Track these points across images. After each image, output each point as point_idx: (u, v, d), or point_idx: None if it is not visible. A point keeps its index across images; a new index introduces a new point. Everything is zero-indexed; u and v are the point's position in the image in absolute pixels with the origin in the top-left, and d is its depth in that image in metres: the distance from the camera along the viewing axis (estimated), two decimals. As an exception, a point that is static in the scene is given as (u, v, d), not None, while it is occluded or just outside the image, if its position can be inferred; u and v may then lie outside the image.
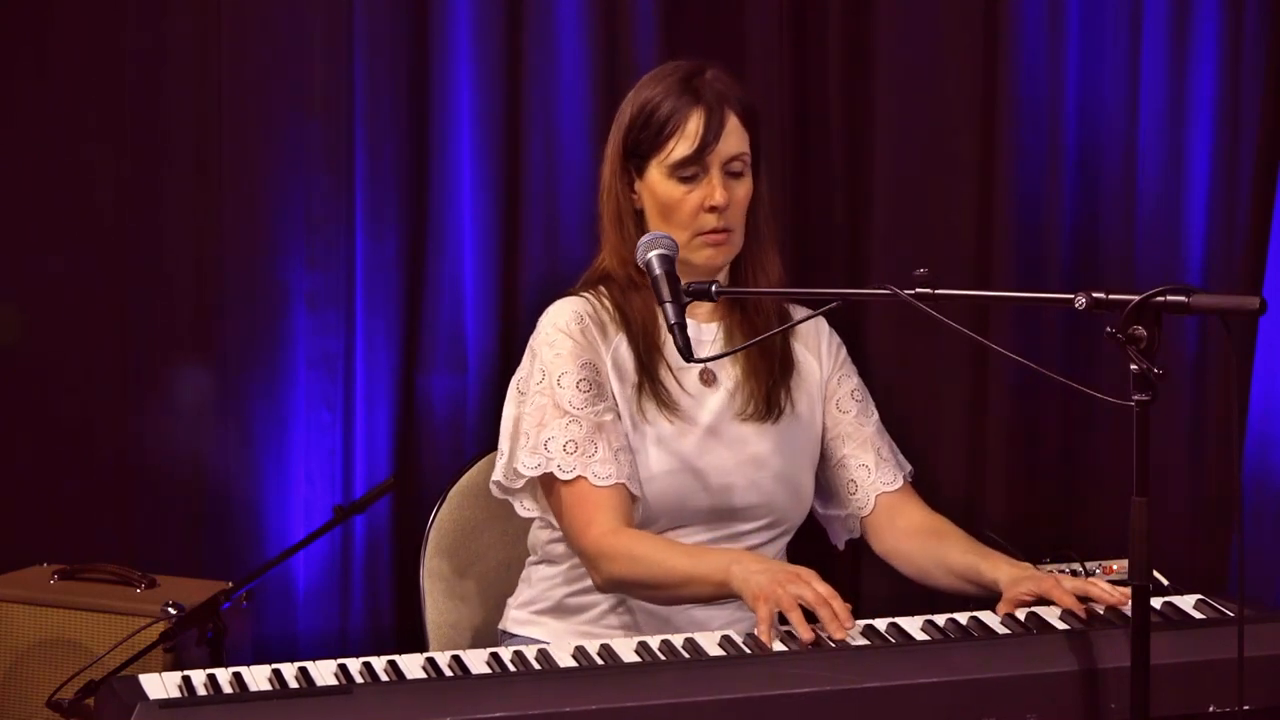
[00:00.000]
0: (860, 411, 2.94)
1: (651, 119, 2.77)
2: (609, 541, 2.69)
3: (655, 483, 2.77)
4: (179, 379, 3.82)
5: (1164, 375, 2.18)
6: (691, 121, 2.75)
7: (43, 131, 3.82)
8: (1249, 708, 2.33)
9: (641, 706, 2.24)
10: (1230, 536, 3.69)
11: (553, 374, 2.77)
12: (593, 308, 2.83)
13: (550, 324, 2.82)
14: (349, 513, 3.17)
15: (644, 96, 2.80)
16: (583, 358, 2.78)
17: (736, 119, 2.78)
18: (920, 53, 3.73)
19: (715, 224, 2.75)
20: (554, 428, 2.74)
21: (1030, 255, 3.73)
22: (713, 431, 2.81)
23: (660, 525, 2.79)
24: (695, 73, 2.80)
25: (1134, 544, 2.20)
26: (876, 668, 2.34)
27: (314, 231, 3.78)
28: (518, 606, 2.90)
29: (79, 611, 3.43)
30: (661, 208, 2.77)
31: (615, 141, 2.83)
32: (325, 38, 3.75)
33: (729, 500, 2.81)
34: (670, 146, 2.76)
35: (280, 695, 2.26)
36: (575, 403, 2.74)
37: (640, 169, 2.80)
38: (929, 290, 2.40)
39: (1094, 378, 3.55)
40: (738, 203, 2.78)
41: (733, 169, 2.78)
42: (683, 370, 2.83)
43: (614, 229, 2.84)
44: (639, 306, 2.82)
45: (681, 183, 2.76)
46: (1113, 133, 3.73)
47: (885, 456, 2.93)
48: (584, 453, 2.72)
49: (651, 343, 2.81)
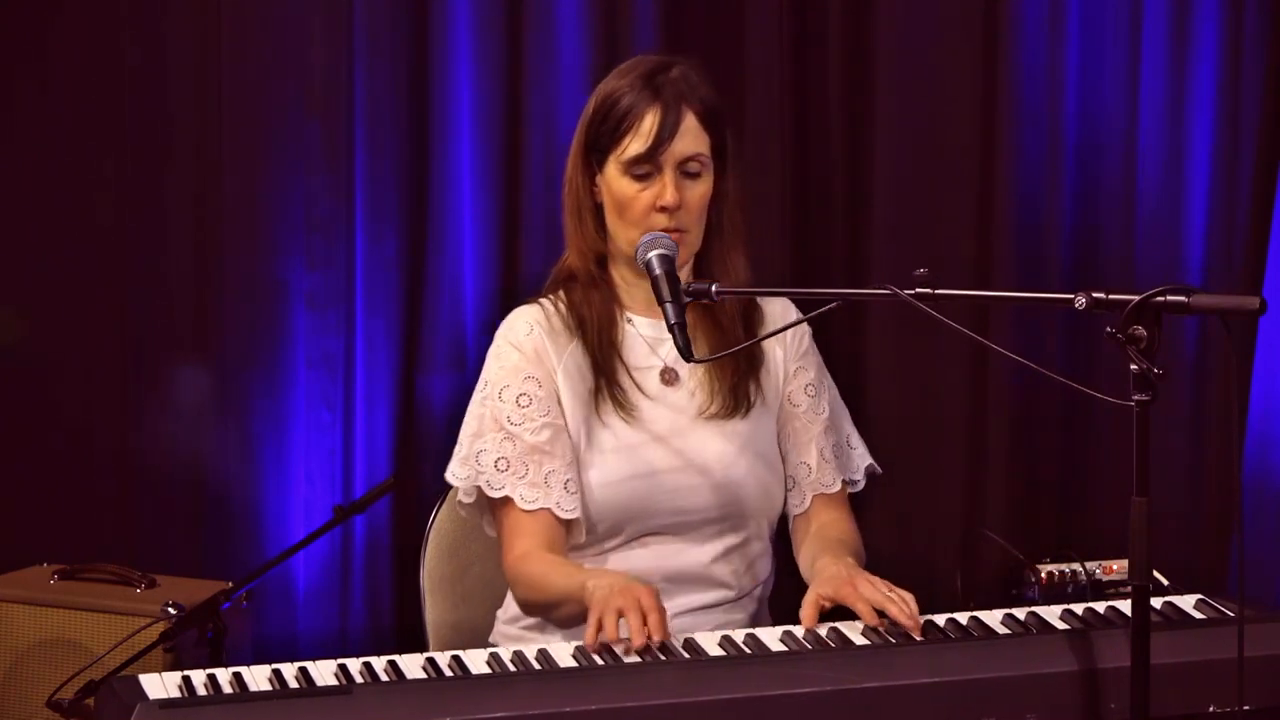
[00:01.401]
0: (810, 408, 2.87)
1: (610, 113, 2.74)
2: (518, 567, 2.73)
3: (616, 489, 2.75)
4: (179, 379, 3.82)
5: (1164, 375, 2.18)
6: (647, 119, 2.71)
7: (43, 131, 3.82)
8: (1249, 708, 2.33)
9: (641, 706, 2.24)
10: (1230, 536, 3.69)
11: (495, 386, 2.77)
12: (546, 315, 2.81)
13: (501, 335, 2.82)
14: (349, 513, 3.17)
15: (607, 89, 2.77)
16: (526, 372, 2.76)
17: (695, 118, 2.73)
18: (920, 53, 3.74)
19: (666, 224, 2.71)
20: (488, 440, 2.75)
21: (1030, 255, 3.74)
22: (675, 433, 2.78)
23: (628, 533, 2.77)
24: (660, 69, 2.76)
25: (1134, 544, 2.20)
26: (876, 668, 2.34)
27: (314, 231, 3.78)
28: (506, 621, 2.88)
29: (79, 611, 3.43)
30: (616, 204, 2.74)
31: (579, 135, 2.80)
32: (325, 38, 3.75)
33: (693, 503, 2.77)
34: (625, 143, 2.73)
35: (280, 695, 2.26)
36: (513, 419, 2.74)
37: (600, 163, 2.77)
38: (929, 290, 2.39)
39: (1094, 378, 3.55)
40: (691, 203, 2.74)
41: (689, 169, 2.73)
42: (641, 371, 2.80)
43: (574, 223, 2.82)
44: (598, 306, 2.80)
45: (635, 180, 2.73)
46: (1113, 133, 3.73)
47: (828, 458, 2.87)
48: (514, 472, 2.73)
49: (608, 344, 2.79)
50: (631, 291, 2.82)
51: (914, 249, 3.71)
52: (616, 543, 2.79)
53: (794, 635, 2.47)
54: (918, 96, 3.74)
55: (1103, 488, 3.76)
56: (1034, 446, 3.79)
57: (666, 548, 2.78)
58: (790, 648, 2.43)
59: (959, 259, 3.73)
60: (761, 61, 3.74)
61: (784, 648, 2.43)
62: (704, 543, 2.80)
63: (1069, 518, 3.79)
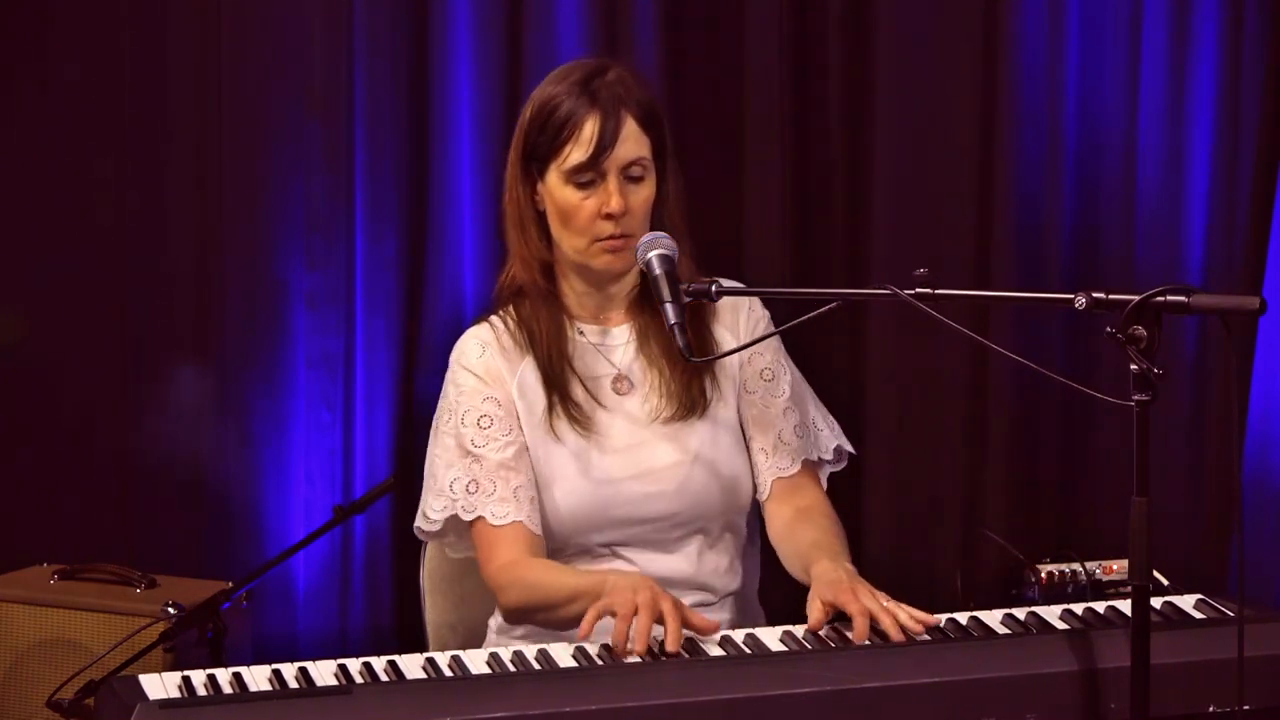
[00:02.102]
0: (766, 393, 2.83)
1: (549, 122, 2.70)
2: (505, 574, 2.70)
3: (577, 503, 2.74)
4: (179, 379, 3.82)
5: (1164, 375, 2.18)
6: (587, 126, 2.68)
7: (43, 132, 3.82)
8: (1249, 708, 2.33)
9: (641, 706, 2.24)
10: (1230, 536, 3.69)
11: (457, 412, 2.76)
12: (496, 334, 2.80)
13: (455, 360, 2.81)
14: (349, 513, 3.17)
15: (544, 96, 2.73)
16: (483, 393, 2.76)
17: (635, 122, 2.70)
18: (920, 53, 3.74)
19: (612, 230, 2.69)
20: (457, 469, 2.74)
21: (1030, 255, 3.74)
22: (632, 441, 2.77)
23: (596, 547, 2.76)
24: (596, 73, 2.72)
25: (1134, 544, 2.20)
26: (876, 668, 2.34)
27: (314, 231, 3.78)
28: (498, 631, 2.87)
29: (79, 611, 3.43)
30: (560, 214, 2.71)
31: (516, 145, 2.77)
32: (325, 38, 3.75)
33: (655, 510, 2.76)
34: (566, 152, 2.69)
35: (280, 695, 2.26)
36: (476, 441, 2.73)
37: (541, 172, 2.73)
38: (929, 290, 2.39)
39: (1094, 378, 3.55)
40: (635, 208, 2.71)
41: (632, 174, 2.70)
42: (595, 380, 2.78)
43: (517, 234, 2.78)
44: (546, 320, 2.77)
45: (578, 189, 2.69)
46: (1113, 133, 3.73)
47: (785, 440, 2.82)
48: (484, 491, 2.72)
49: (560, 356, 2.77)
50: (580, 300, 2.80)
51: (914, 249, 3.71)
52: (585, 559, 2.78)
53: (794, 635, 2.47)
54: (918, 96, 3.74)
55: (1103, 488, 3.76)
56: (1034, 446, 3.79)
57: (640, 556, 2.77)
58: (790, 648, 2.43)
59: (959, 259, 3.73)
60: (761, 61, 3.74)
61: (784, 648, 2.43)
62: (675, 548, 2.79)
63: (1069, 518, 3.79)
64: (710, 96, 3.77)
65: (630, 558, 2.77)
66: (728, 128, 3.75)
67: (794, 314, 2.57)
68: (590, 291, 2.78)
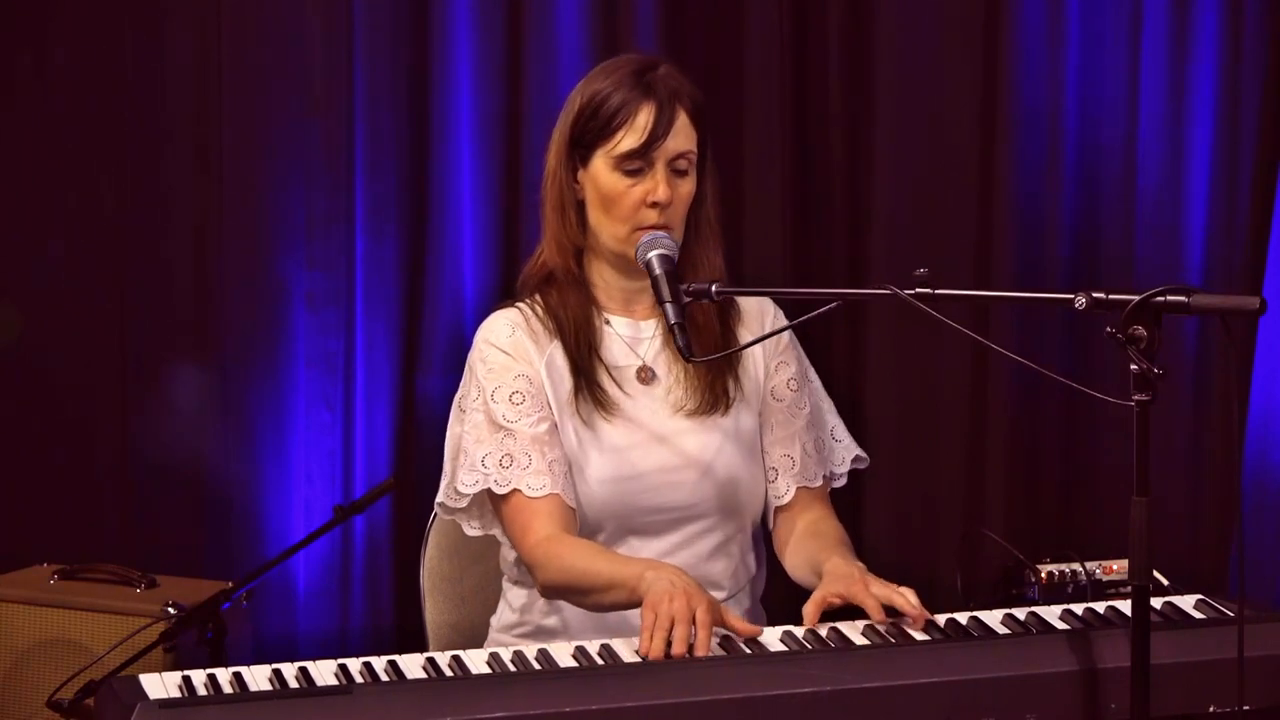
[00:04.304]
0: (793, 402, 2.85)
1: (601, 109, 2.73)
2: (543, 549, 2.68)
3: (600, 488, 2.74)
4: (179, 378, 3.82)
5: (1164, 375, 2.18)
6: (642, 115, 2.71)
7: (43, 132, 3.83)
8: (1249, 708, 2.33)
9: (641, 706, 2.24)
10: (1230, 536, 3.69)
11: (487, 389, 2.75)
12: (525, 318, 2.80)
13: (482, 339, 2.81)
14: (349, 513, 3.17)
15: (595, 87, 2.75)
16: (515, 370, 2.75)
17: (686, 116, 2.74)
18: (920, 53, 3.74)
19: (655, 220, 2.70)
20: (489, 443, 2.73)
21: (1030, 255, 3.74)
22: (654, 431, 2.77)
23: (610, 530, 2.76)
24: (648, 67, 2.76)
25: (1134, 544, 2.20)
26: (876, 668, 2.34)
27: (314, 231, 3.79)
28: (500, 629, 2.87)
29: (79, 611, 3.43)
30: (603, 199, 2.73)
31: (562, 129, 2.78)
32: (325, 38, 3.75)
33: (675, 500, 2.77)
34: (618, 138, 2.71)
35: (280, 695, 2.26)
36: (509, 416, 2.73)
37: (585, 159, 2.75)
38: (929, 290, 2.39)
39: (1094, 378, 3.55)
40: (679, 200, 2.73)
41: (678, 166, 2.73)
42: (620, 370, 2.79)
43: (556, 217, 2.79)
44: (574, 306, 2.79)
45: (626, 175, 2.71)
46: (1113, 133, 3.73)
47: (811, 453, 2.85)
48: (518, 465, 2.71)
49: (587, 344, 2.78)
50: (609, 290, 2.81)
51: (914, 249, 3.71)
52: (600, 540, 2.77)
53: (794, 635, 2.47)
54: (918, 96, 3.75)
55: (1103, 488, 3.76)
56: (1034, 446, 3.79)
57: (650, 545, 2.77)
58: (790, 648, 2.43)
59: (959, 259, 3.73)
60: (761, 61, 3.74)
61: (784, 648, 2.43)
62: (692, 541, 2.79)
63: (1069, 518, 3.79)
64: (710, 96, 3.76)
65: (638, 545, 2.77)
66: (728, 128, 3.75)
67: (794, 314, 2.56)
68: (621, 282, 2.79)
